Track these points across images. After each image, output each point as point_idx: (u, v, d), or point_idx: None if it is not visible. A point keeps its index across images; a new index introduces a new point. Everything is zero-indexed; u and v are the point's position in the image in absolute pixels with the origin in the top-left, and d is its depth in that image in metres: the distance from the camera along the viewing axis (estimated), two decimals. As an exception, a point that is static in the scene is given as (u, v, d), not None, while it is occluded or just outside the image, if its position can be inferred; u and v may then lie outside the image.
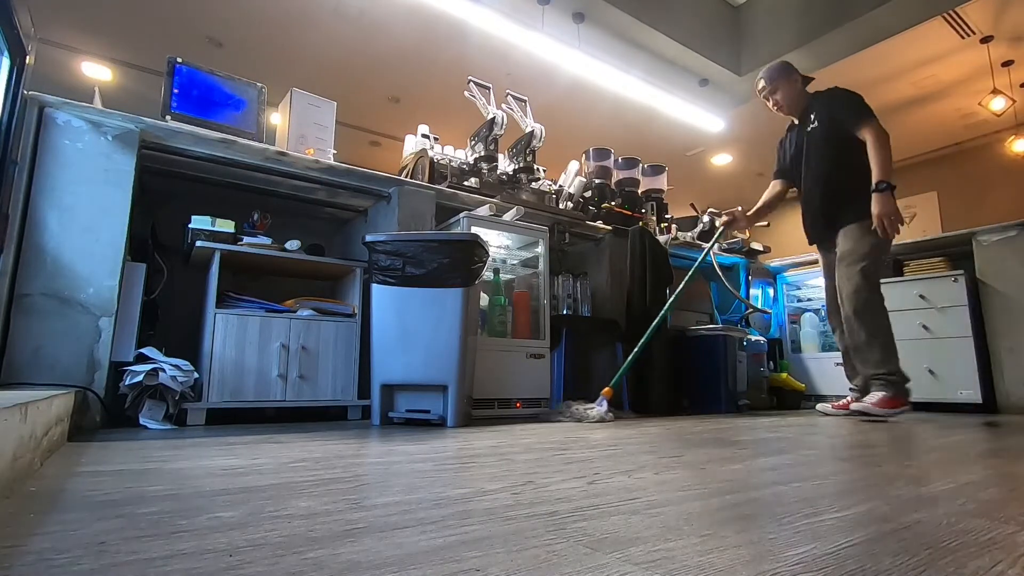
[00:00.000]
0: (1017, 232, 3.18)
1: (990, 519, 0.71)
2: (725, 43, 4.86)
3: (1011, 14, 4.22)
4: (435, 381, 2.04)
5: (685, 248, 3.72)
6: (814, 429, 2.06)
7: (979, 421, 2.45)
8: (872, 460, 1.32)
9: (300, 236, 2.44)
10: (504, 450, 1.40)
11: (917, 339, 3.35)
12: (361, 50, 4.67)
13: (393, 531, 0.64)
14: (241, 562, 0.53)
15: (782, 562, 0.54)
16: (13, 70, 1.76)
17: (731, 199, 6.55)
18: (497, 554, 0.56)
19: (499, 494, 0.85)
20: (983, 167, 6.13)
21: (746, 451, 1.40)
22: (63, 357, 1.77)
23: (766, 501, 0.82)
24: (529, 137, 3.14)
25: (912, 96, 5.28)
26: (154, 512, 0.71)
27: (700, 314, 3.61)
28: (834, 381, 3.65)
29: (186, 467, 1.07)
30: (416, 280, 2.07)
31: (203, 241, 2.16)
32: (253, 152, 2.26)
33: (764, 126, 5.81)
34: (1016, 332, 3.09)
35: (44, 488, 0.86)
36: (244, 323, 2.16)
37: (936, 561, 0.54)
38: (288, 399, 2.21)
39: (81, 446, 1.36)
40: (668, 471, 1.08)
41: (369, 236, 2.14)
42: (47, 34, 4.39)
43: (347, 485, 0.91)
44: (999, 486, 0.95)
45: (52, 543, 0.58)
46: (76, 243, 1.84)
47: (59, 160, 1.85)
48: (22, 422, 0.88)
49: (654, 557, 0.55)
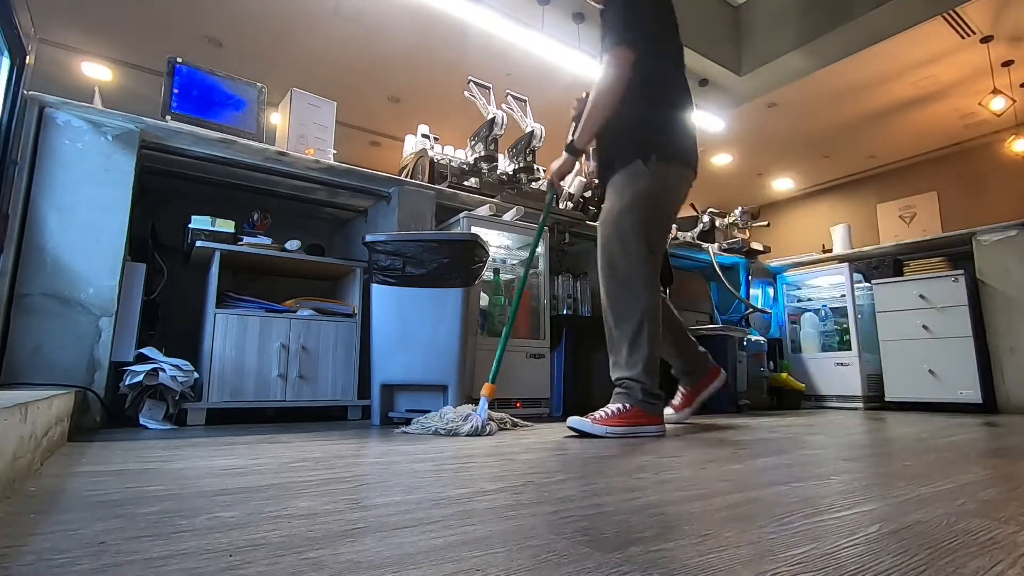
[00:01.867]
0: (1017, 232, 3.18)
1: (990, 519, 0.71)
2: (725, 43, 4.85)
3: (1011, 14, 4.22)
4: (435, 381, 2.05)
5: (685, 248, 3.72)
6: (814, 429, 2.06)
7: (979, 421, 2.45)
8: (872, 460, 1.32)
9: (300, 236, 2.44)
10: (504, 450, 1.40)
11: (917, 339, 3.36)
12: (361, 50, 4.67)
13: (393, 531, 0.64)
14: (241, 562, 0.53)
15: (782, 562, 0.54)
16: (13, 70, 1.76)
17: (731, 199, 6.56)
18: (497, 554, 0.56)
19: (499, 494, 0.85)
20: (983, 167, 6.12)
21: (746, 451, 1.40)
22: (63, 357, 1.77)
23: (766, 501, 0.82)
24: (529, 137, 3.14)
25: (912, 96, 5.28)
26: (154, 512, 0.71)
27: (700, 314, 3.61)
28: (834, 381, 3.66)
29: (186, 467, 1.07)
30: (416, 280, 2.07)
31: (203, 241, 2.16)
32: (253, 152, 2.26)
33: (764, 126, 5.82)
34: (1016, 332, 3.09)
35: (44, 488, 0.86)
36: (244, 323, 2.16)
37: (936, 561, 0.54)
38: (288, 399, 2.21)
39: (81, 446, 1.36)
40: (668, 471, 1.08)
41: (369, 236, 2.14)
42: (47, 34, 4.39)
43: (347, 485, 0.91)
44: (999, 486, 0.95)
45: (52, 543, 0.58)
46: (76, 243, 1.83)
47: (59, 160, 1.85)
48: (22, 422, 0.88)
49: (654, 557, 0.55)
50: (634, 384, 1.78)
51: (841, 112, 5.53)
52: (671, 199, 1.95)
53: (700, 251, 3.77)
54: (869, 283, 3.74)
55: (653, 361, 1.82)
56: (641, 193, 1.85)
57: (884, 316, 3.53)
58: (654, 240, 1.88)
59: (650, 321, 1.82)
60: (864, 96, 5.25)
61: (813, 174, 7.23)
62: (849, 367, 3.59)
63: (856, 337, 3.59)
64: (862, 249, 4.02)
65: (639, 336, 1.81)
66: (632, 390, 1.78)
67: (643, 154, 1.85)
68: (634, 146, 1.87)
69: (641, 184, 1.85)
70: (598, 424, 1.70)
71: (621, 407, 1.75)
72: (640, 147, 1.86)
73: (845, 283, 3.72)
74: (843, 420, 2.54)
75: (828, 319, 3.88)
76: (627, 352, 1.82)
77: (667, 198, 1.93)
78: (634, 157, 1.85)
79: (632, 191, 1.86)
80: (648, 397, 1.78)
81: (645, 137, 1.87)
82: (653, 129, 1.89)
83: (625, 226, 1.85)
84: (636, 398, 1.77)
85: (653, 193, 1.86)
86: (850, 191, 7.32)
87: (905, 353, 3.41)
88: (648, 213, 1.86)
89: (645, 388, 1.78)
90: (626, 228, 1.85)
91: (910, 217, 6.70)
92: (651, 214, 1.87)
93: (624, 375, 1.81)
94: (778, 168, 7.09)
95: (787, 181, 7.48)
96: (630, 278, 1.84)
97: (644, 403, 1.76)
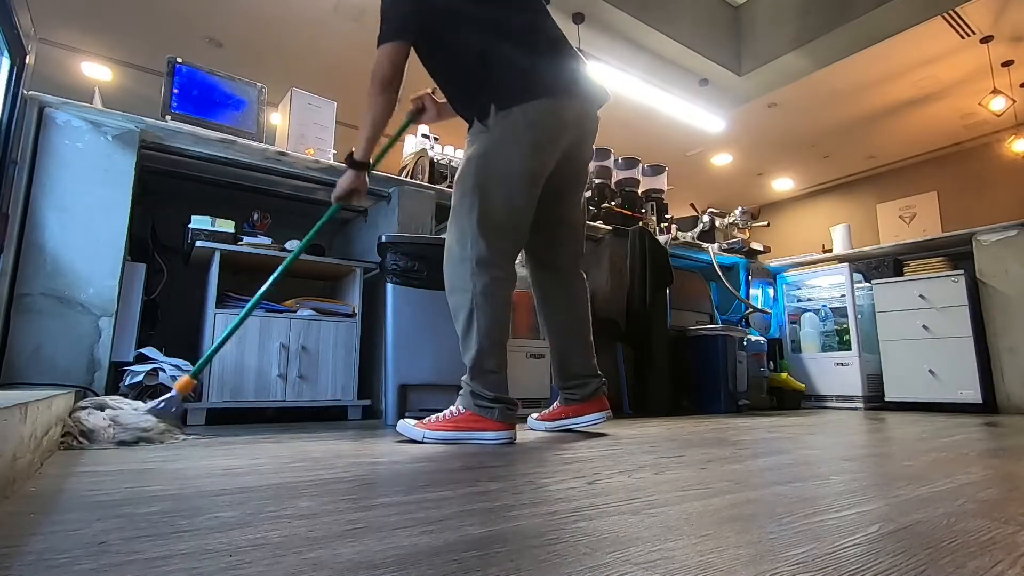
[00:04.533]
0: (1017, 232, 3.18)
1: (990, 519, 0.71)
2: (725, 43, 4.85)
3: (1011, 14, 4.22)
4: (453, 381, 2.10)
5: (685, 248, 3.72)
6: (814, 429, 2.06)
7: (979, 421, 2.45)
8: (872, 460, 1.32)
9: (300, 236, 2.43)
10: (504, 450, 1.40)
11: (917, 339, 3.36)
12: (361, 50, 4.66)
13: (393, 531, 0.64)
14: (241, 562, 0.53)
15: (782, 562, 0.54)
16: (13, 70, 1.76)
17: (731, 199, 6.56)
18: (497, 554, 0.56)
19: (499, 494, 0.85)
20: (983, 167, 6.12)
21: (746, 451, 1.40)
22: (63, 357, 1.77)
23: (766, 501, 0.81)
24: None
25: (912, 96, 5.28)
26: (154, 512, 0.71)
27: (700, 314, 3.61)
28: (834, 381, 3.66)
29: (186, 467, 1.07)
30: (437, 283, 2.11)
31: (203, 241, 2.16)
32: (253, 152, 2.26)
33: (764, 126, 5.81)
34: (1016, 332, 3.09)
35: (44, 488, 0.86)
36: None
37: (936, 561, 0.54)
38: (288, 399, 2.21)
39: (81, 446, 1.35)
40: (668, 471, 1.08)
41: (386, 236, 2.16)
42: (47, 34, 4.39)
43: (347, 485, 0.91)
44: (999, 486, 0.95)
45: (52, 543, 0.58)
46: (76, 243, 1.84)
47: (59, 160, 1.85)
48: (22, 422, 0.87)
49: (654, 557, 0.55)
50: (464, 386, 1.58)
51: (841, 112, 5.52)
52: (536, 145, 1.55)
53: (700, 251, 3.77)
54: (869, 283, 3.74)
55: (484, 358, 1.55)
56: (477, 153, 1.55)
57: (884, 316, 3.53)
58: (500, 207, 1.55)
59: (481, 309, 1.53)
60: (864, 96, 5.25)
61: (813, 174, 7.23)
62: (849, 367, 3.59)
63: (856, 337, 3.59)
64: (862, 249, 4.02)
65: (469, 329, 1.55)
66: (464, 392, 1.57)
67: (478, 111, 1.56)
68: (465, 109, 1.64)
69: (481, 142, 1.55)
70: (420, 427, 1.52)
71: (454, 410, 1.56)
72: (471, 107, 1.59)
73: (845, 283, 3.72)
74: (843, 420, 2.54)
75: (828, 319, 3.88)
76: (461, 348, 1.58)
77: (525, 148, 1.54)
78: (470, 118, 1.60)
79: (468, 153, 1.57)
80: (480, 400, 1.54)
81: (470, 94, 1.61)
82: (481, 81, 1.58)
83: (457, 196, 1.58)
84: (467, 401, 1.56)
85: (493, 148, 1.54)
86: (850, 191, 7.32)
87: (905, 353, 3.40)
88: (486, 172, 1.54)
89: (474, 391, 1.55)
90: (458, 199, 1.57)
91: (910, 217, 6.69)
92: (492, 172, 1.54)
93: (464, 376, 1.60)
94: (778, 168, 7.09)
95: (787, 181, 7.48)
96: (462, 259, 1.55)
97: (478, 407, 1.54)
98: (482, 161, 1.55)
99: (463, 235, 1.56)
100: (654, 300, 3.01)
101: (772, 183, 7.54)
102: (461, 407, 1.55)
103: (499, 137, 1.54)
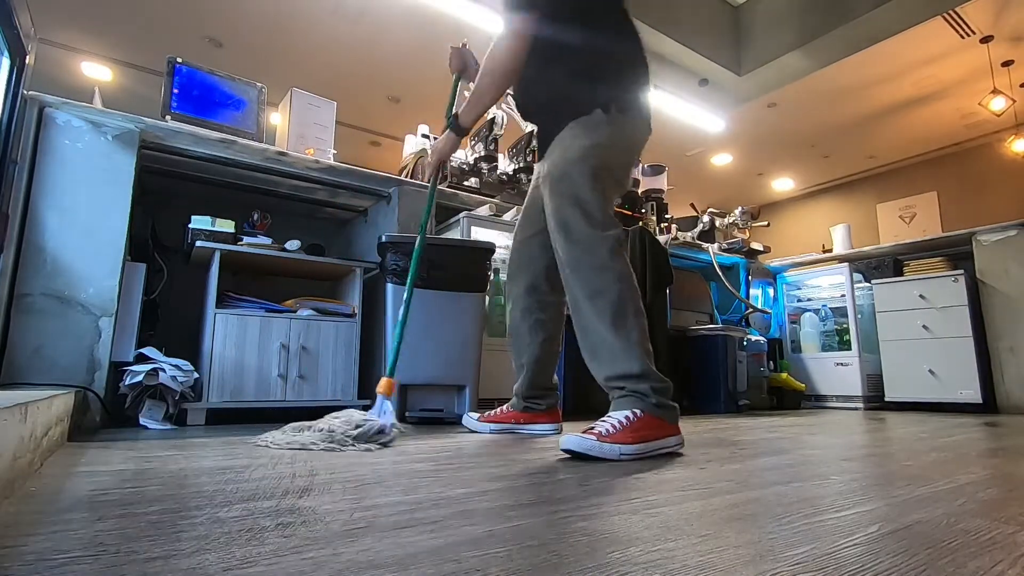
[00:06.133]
0: (1017, 232, 3.18)
1: (990, 519, 0.71)
2: (725, 43, 4.85)
3: (1011, 14, 4.22)
4: (455, 381, 2.15)
5: (685, 248, 3.71)
6: (814, 429, 2.06)
7: (979, 421, 2.45)
8: (872, 460, 1.32)
9: (300, 236, 2.44)
10: (503, 450, 1.40)
11: (917, 339, 3.36)
12: (361, 50, 4.66)
13: (393, 531, 0.64)
14: (241, 562, 0.53)
15: (782, 562, 0.54)
16: (13, 70, 1.76)
17: (731, 199, 6.56)
18: (497, 554, 0.56)
19: (499, 494, 0.85)
20: (983, 167, 6.12)
21: (746, 451, 1.40)
22: (63, 357, 1.77)
23: (766, 501, 0.81)
24: (529, 137, 3.14)
25: (912, 96, 5.28)
26: (154, 512, 0.71)
27: (700, 314, 3.61)
28: (834, 381, 3.66)
29: (186, 467, 1.07)
30: (440, 283, 2.13)
31: (203, 241, 2.16)
32: (253, 152, 2.26)
33: (764, 126, 5.81)
34: (1016, 332, 3.09)
35: (44, 488, 0.86)
36: (244, 323, 2.16)
37: (936, 561, 0.54)
38: (288, 399, 2.21)
39: (81, 446, 1.36)
40: (668, 471, 1.08)
41: (386, 236, 2.17)
42: (47, 34, 4.39)
43: (347, 485, 0.91)
44: (999, 486, 0.95)
45: (52, 543, 0.58)
46: (76, 243, 1.83)
47: (59, 160, 1.85)
48: (22, 422, 0.87)
49: (654, 557, 0.55)
50: (639, 381, 1.32)
51: (841, 112, 5.52)
52: (631, 156, 1.59)
53: (700, 251, 3.77)
54: (869, 283, 3.74)
55: (647, 343, 1.38)
56: (597, 144, 1.46)
57: (884, 316, 3.53)
58: (611, 197, 1.52)
59: (629, 296, 1.39)
60: (864, 96, 5.25)
61: (813, 174, 7.23)
62: (849, 367, 3.59)
63: (856, 337, 3.59)
64: (862, 249, 4.02)
65: (624, 311, 1.36)
66: (639, 390, 1.32)
67: (602, 103, 1.49)
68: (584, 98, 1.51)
69: (600, 134, 1.47)
70: (606, 443, 1.22)
71: (630, 415, 1.28)
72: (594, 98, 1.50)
73: (845, 283, 3.72)
74: (843, 420, 2.54)
75: (828, 319, 3.88)
76: (613, 336, 1.35)
77: (626, 155, 1.57)
78: (592, 107, 1.49)
79: (588, 142, 1.46)
80: (659, 396, 1.32)
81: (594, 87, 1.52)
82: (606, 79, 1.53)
83: (577, 175, 1.45)
84: (648, 402, 1.30)
85: (611, 144, 1.49)
86: (850, 191, 7.32)
87: (905, 353, 3.40)
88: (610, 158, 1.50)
89: (654, 386, 1.32)
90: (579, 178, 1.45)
91: (910, 217, 6.69)
92: (611, 162, 1.51)
93: (619, 371, 1.34)
94: (778, 168, 7.09)
95: (787, 181, 7.48)
96: (594, 242, 1.42)
97: (657, 407, 1.31)
98: (604, 151, 1.48)
99: (590, 214, 1.43)
100: (654, 300, 3.01)
101: (772, 183, 7.54)
102: (637, 410, 1.29)
103: (619, 131, 1.51)
